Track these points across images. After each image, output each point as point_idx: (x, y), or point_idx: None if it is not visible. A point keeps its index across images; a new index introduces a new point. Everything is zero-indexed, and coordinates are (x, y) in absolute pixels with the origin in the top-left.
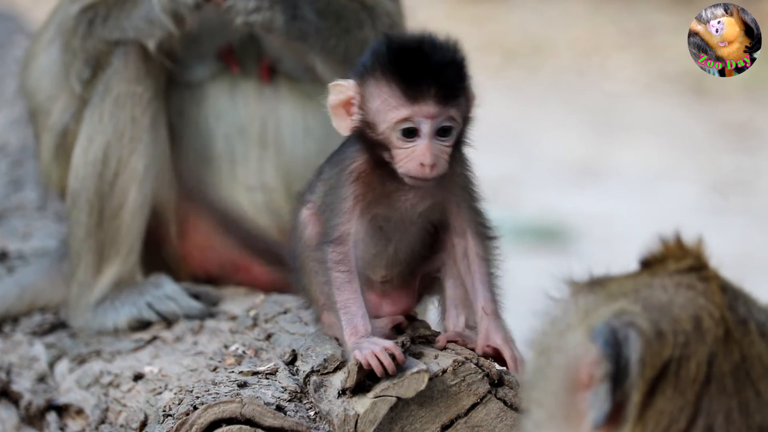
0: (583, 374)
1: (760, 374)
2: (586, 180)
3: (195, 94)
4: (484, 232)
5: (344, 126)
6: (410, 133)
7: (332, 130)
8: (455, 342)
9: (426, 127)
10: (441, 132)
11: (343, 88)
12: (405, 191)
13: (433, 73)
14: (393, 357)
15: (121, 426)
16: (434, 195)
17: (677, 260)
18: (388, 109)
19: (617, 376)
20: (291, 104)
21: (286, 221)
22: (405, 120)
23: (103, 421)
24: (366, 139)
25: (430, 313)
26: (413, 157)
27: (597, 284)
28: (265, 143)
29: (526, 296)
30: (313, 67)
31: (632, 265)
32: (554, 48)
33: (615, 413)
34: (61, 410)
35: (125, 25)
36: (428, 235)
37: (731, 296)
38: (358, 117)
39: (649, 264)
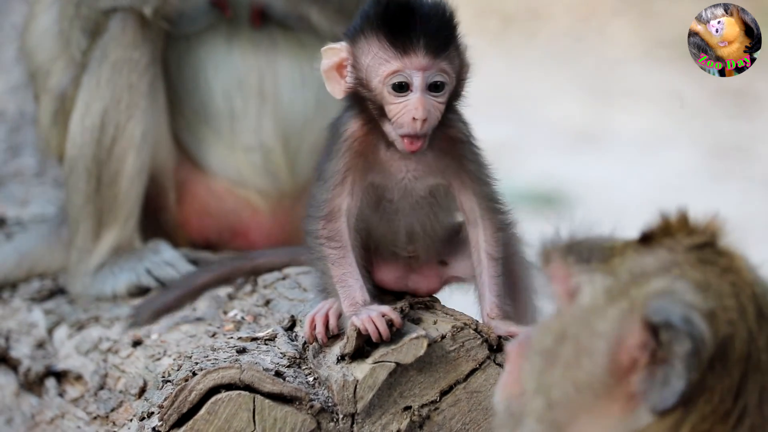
0: (625, 358)
1: None
2: (584, 146)
3: (192, 47)
4: (496, 224)
5: (338, 89)
6: (402, 88)
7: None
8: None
9: (417, 80)
10: (433, 87)
11: (335, 51)
12: (403, 159)
13: (421, 24)
14: (391, 323)
15: (120, 392)
16: (436, 171)
17: (689, 235)
18: (379, 63)
19: (696, 355)
20: (287, 54)
21: (284, 183)
22: (396, 73)
23: (102, 387)
24: (360, 100)
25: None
26: (406, 111)
27: (602, 261)
28: (264, 96)
29: None
30: (308, 17)
31: (631, 230)
32: (552, 13)
33: None
34: (60, 376)
35: None
36: (445, 214)
37: (755, 274)
38: (352, 77)
39: (649, 238)
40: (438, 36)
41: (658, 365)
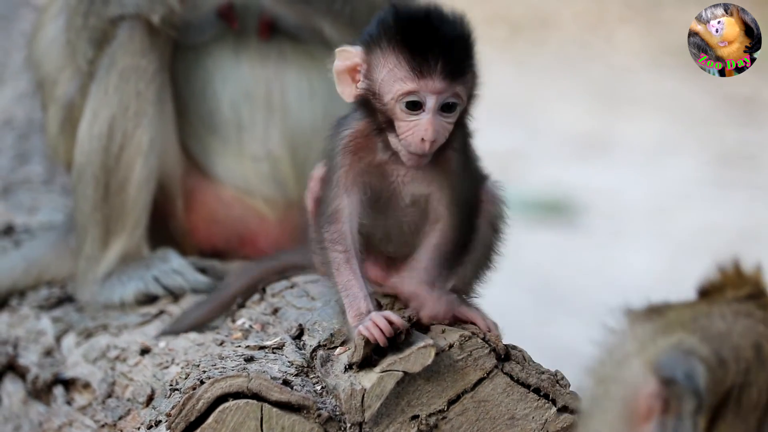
0: (642, 405)
1: None
2: (592, 153)
3: (200, 57)
4: (456, 223)
5: (348, 92)
6: (414, 106)
7: (337, 92)
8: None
9: (431, 102)
10: (445, 107)
11: (349, 55)
12: (397, 164)
13: (441, 47)
14: (396, 328)
15: (128, 400)
16: (422, 180)
17: (735, 288)
18: (394, 80)
19: (697, 409)
20: (295, 65)
21: (291, 191)
22: (410, 93)
23: (109, 395)
24: (368, 104)
25: None
26: (415, 131)
27: (655, 313)
28: (271, 108)
29: (532, 270)
30: (321, 30)
31: (638, 238)
32: (559, 21)
33: None
34: (68, 384)
35: (126, 1)
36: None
37: None
38: (364, 85)
39: (706, 292)
40: (457, 62)
41: (668, 416)
